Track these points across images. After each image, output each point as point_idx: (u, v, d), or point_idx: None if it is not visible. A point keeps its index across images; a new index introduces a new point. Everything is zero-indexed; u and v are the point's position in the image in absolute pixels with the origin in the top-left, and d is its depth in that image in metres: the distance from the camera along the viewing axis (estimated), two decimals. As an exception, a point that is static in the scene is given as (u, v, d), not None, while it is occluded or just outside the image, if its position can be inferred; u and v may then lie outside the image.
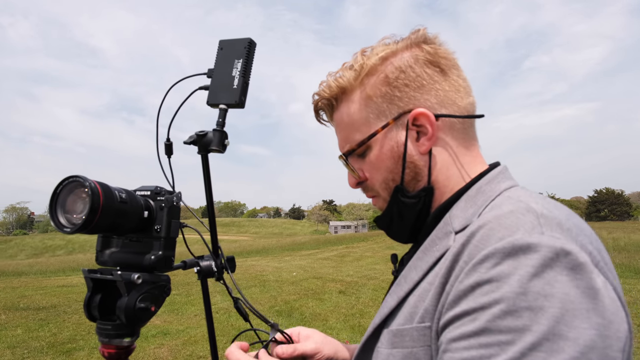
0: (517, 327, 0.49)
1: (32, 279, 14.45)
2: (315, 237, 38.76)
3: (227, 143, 0.85)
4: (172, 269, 0.87)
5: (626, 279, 9.94)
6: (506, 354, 0.49)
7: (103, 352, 0.84)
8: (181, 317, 7.54)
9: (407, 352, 0.63)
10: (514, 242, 0.54)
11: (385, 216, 0.80)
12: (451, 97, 0.74)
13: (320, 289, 9.57)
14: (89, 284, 0.84)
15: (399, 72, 0.73)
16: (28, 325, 7.12)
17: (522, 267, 0.52)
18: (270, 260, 17.27)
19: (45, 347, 5.96)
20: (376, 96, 0.75)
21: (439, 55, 0.74)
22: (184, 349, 5.67)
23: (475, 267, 0.56)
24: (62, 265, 19.47)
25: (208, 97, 0.86)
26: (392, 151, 0.75)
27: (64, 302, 8.99)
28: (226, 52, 0.87)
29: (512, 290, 0.51)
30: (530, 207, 0.59)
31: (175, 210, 0.87)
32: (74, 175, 0.76)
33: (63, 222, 0.77)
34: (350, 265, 14.88)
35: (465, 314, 0.54)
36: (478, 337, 0.52)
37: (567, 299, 0.49)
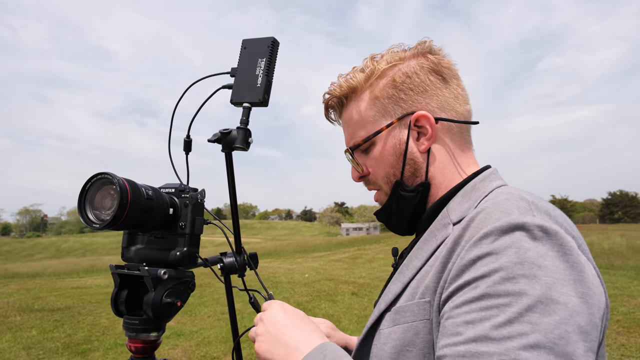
0: (514, 291, 0.56)
1: (47, 280, 14.65)
2: (327, 239, 38.76)
3: (251, 141, 0.86)
4: (196, 265, 0.89)
5: (641, 281, 9.78)
6: (505, 314, 0.55)
7: (130, 347, 0.85)
8: (194, 318, 7.58)
9: (407, 327, 0.69)
10: (510, 221, 0.61)
11: (385, 209, 0.87)
12: (450, 103, 0.82)
13: (332, 291, 9.56)
14: (115, 280, 0.86)
15: (405, 77, 0.81)
16: (43, 327, 7.22)
17: (518, 241, 0.59)
18: (282, 262, 17.29)
19: (61, 348, 6.03)
20: (383, 97, 0.82)
21: (442, 65, 0.83)
22: (198, 350, 5.69)
23: (476, 243, 0.62)
24: (76, 267, 19.71)
25: (232, 96, 0.87)
26: (395, 148, 0.82)
27: (78, 304, 9.10)
28: (249, 51, 0.89)
29: (509, 260, 0.58)
30: (523, 197, 0.68)
31: (200, 207, 0.88)
32: (103, 172, 0.78)
33: (92, 219, 0.78)
34: (363, 267, 14.83)
35: (466, 284, 0.60)
36: (479, 301, 0.58)
37: (557, 270, 0.57)
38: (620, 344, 5.27)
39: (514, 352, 0.52)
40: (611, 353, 4.96)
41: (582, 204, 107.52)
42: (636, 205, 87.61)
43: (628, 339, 5.45)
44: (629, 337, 5.52)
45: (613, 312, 6.77)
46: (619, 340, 5.41)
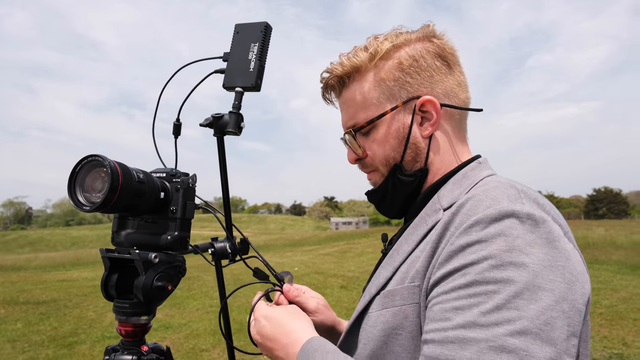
0: (502, 278, 0.57)
1: (31, 273, 14.46)
2: (317, 233, 38.80)
3: (243, 125, 0.86)
4: (187, 250, 0.88)
5: (623, 275, 9.99)
6: (492, 300, 0.56)
7: (120, 331, 0.85)
8: (183, 311, 7.56)
9: (396, 310, 0.70)
10: (499, 209, 0.62)
11: (379, 191, 0.86)
12: (454, 90, 0.81)
13: (322, 284, 9.60)
14: (106, 264, 0.86)
15: (413, 60, 0.80)
16: (28, 319, 7.14)
17: (507, 229, 0.60)
18: (271, 256, 17.29)
19: (46, 340, 5.97)
20: (389, 80, 0.80)
21: (446, 51, 0.82)
22: (186, 343, 5.69)
23: (466, 230, 0.63)
24: (62, 260, 19.48)
25: (224, 80, 0.87)
26: (398, 132, 0.81)
27: (64, 297, 9.01)
28: (242, 36, 0.88)
29: (498, 248, 0.59)
30: (512, 185, 0.69)
31: (191, 191, 0.88)
32: (93, 154, 0.77)
33: (82, 201, 0.78)
34: (352, 260, 14.91)
35: (456, 270, 0.61)
36: (468, 288, 0.59)
37: (545, 257, 0.58)
38: (603, 336, 5.39)
39: (501, 338, 0.53)
40: (594, 345, 5.07)
41: (567, 200, 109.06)
42: (620, 201, 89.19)
43: (610, 331, 5.58)
44: (611, 330, 5.65)
45: (596, 305, 6.91)
46: (601, 333, 5.54)
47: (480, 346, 0.54)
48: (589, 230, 22.74)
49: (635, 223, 36.10)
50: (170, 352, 0.90)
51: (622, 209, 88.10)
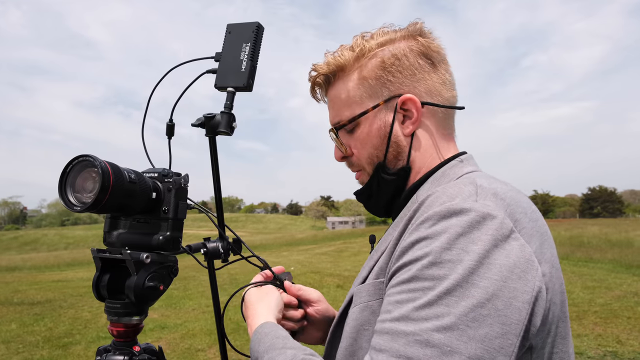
0: (438, 275, 0.58)
1: (26, 274, 14.39)
2: (313, 233, 38.83)
3: (235, 125, 0.86)
4: (179, 250, 0.88)
5: (617, 273, 10.05)
6: (426, 296, 0.58)
7: (112, 331, 0.85)
8: (179, 311, 7.54)
9: (363, 306, 0.72)
10: (450, 206, 0.63)
11: (365, 190, 0.88)
12: (438, 88, 0.81)
13: (318, 284, 9.60)
14: (97, 264, 0.85)
15: (395, 59, 0.80)
16: (23, 320, 7.09)
17: (453, 227, 0.61)
18: (268, 256, 17.22)
19: (41, 341, 5.94)
20: (371, 78, 0.81)
21: (431, 49, 0.82)
22: (182, 343, 5.67)
23: (417, 227, 0.65)
24: (57, 260, 19.38)
25: (216, 80, 0.87)
26: (380, 130, 0.81)
27: (59, 297, 8.96)
28: (234, 36, 0.88)
29: (440, 245, 0.60)
30: (474, 181, 0.68)
31: (183, 192, 0.88)
32: (84, 155, 0.77)
33: (73, 201, 0.77)
34: (348, 260, 14.92)
35: (404, 265, 0.63)
36: (409, 283, 0.61)
37: (485, 255, 0.58)
38: (598, 334, 5.42)
39: (427, 332, 0.55)
40: (589, 343, 5.10)
41: (563, 199, 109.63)
42: (615, 200, 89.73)
43: (605, 329, 5.61)
44: (605, 328, 5.69)
45: (591, 304, 6.95)
46: (596, 331, 5.57)
47: (408, 339, 0.56)
48: (583, 228, 22.86)
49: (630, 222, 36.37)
50: (163, 352, 0.90)
51: (617, 208, 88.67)
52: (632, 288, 8.18)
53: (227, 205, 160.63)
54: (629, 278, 9.32)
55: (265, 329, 0.80)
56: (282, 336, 0.77)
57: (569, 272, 10.33)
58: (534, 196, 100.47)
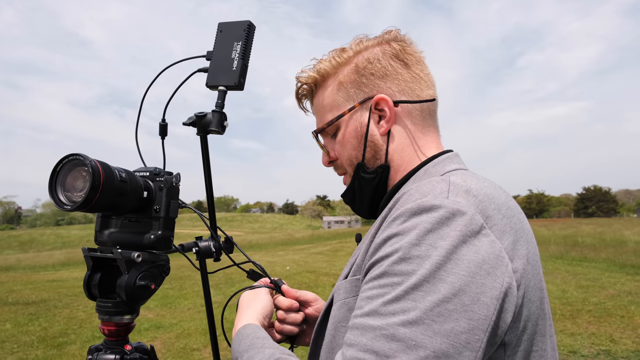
0: (406, 271, 0.59)
1: (21, 273, 14.31)
2: (309, 232, 38.82)
3: (227, 124, 0.86)
4: (171, 249, 0.88)
5: (611, 272, 10.12)
6: (395, 291, 0.59)
7: (103, 330, 0.85)
8: (174, 310, 7.52)
9: (340, 304, 0.74)
10: (420, 203, 0.64)
11: (348, 191, 0.90)
12: (411, 86, 0.83)
13: (313, 283, 9.60)
14: (88, 263, 0.85)
15: (367, 62, 0.84)
16: (17, 320, 7.06)
17: (422, 223, 0.62)
18: (263, 255, 17.26)
19: (36, 341, 5.91)
20: (346, 82, 0.85)
21: (405, 52, 0.84)
22: (177, 342, 5.66)
23: (390, 224, 0.66)
24: (52, 260, 19.29)
25: (207, 79, 0.87)
26: (357, 131, 0.84)
27: (54, 297, 8.92)
28: (225, 34, 0.88)
29: (409, 241, 0.61)
30: (447, 179, 0.69)
31: (175, 191, 0.88)
32: (74, 154, 0.77)
33: (63, 200, 0.77)
34: (344, 259, 14.92)
35: (376, 262, 0.65)
36: (379, 279, 0.62)
37: (453, 251, 0.59)
38: (591, 333, 5.45)
39: (393, 327, 0.56)
40: (582, 342, 5.13)
41: (557, 199, 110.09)
42: (609, 200, 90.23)
43: (598, 328, 5.65)
44: (599, 327, 5.72)
45: (585, 303, 6.99)
46: (590, 329, 5.60)
47: (375, 333, 0.57)
48: (578, 228, 22.99)
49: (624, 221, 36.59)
50: (155, 351, 0.90)
51: (611, 207, 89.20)
52: (626, 287, 8.24)
53: (222, 205, 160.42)
54: (623, 277, 9.38)
55: (247, 330, 0.83)
56: (262, 337, 0.80)
57: (563, 271, 10.39)
58: (529, 196, 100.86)
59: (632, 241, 15.26)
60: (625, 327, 5.67)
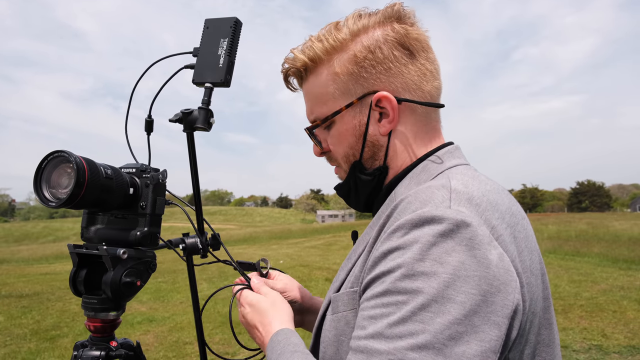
0: (412, 289, 0.55)
1: (14, 266, 14.24)
2: (303, 226, 38.87)
3: (213, 121, 0.86)
4: (157, 246, 0.88)
5: (604, 267, 10.20)
6: (400, 312, 0.55)
7: (89, 326, 0.85)
8: (167, 304, 7.52)
9: (340, 316, 0.70)
10: (421, 214, 0.59)
11: (344, 186, 0.85)
12: (416, 81, 0.75)
13: (307, 277, 9.63)
14: (74, 259, 0.85)
15: (367, 52, 0.74)
16: (10, 313, 7.03)
17: (425, 236, 0.57)
18: (257, 249, 17.28)
19: (29, 334, 5.90)
20: (343, 74, 0.76)
21: (409, 37, 0.75)
22: (170, 336, 5.67)
23: (389, 236, 0.61)
24: (45, 252, 19.20)
25: (194, 76, 0.86)
26: (355, 129, 0.77)
27: (47, 290, 8.89)
28: (212, 31, 0.88)
29: (412, 256, 0.57)
30: (447, 184, 0.65)
31: (161, 187, 0.88)
32: (59, 150, 0.77)
33: (48, 197, 0.77)
34: (337, 253, 14.97)
35: (377, 277, 0.60)
36: (382, 297, 0.58)
37: (461, 267, 0.55)
38: (583, 328, 5.49)
39: (401, 352, 0.52)
40: (574, 336, 5.17)
41: (551, 193, 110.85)
42: (602, 194, 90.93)
43: (590, 323, 5.69)
44: (591, 321, 5.76)
45: (577, 297, 7.05)
46: (581, 324, 5.64)
47: (382, 358, 0.53)
48: (571, 222, 23.17)
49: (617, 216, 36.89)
50: (140, 347, 0.90)
51: (605, 202, 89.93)
52: (618, 282, 8.31)
53: (217, 199, 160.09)
54: (615, 272, 9.46)
55: (279, 336, 0.78)
56: (294, 343, 0.75)
57: (555, 265, 10.47)
58: (522, 190, 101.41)
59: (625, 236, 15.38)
60: (617, 322, 5.71)
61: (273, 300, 0.89)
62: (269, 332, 0.80)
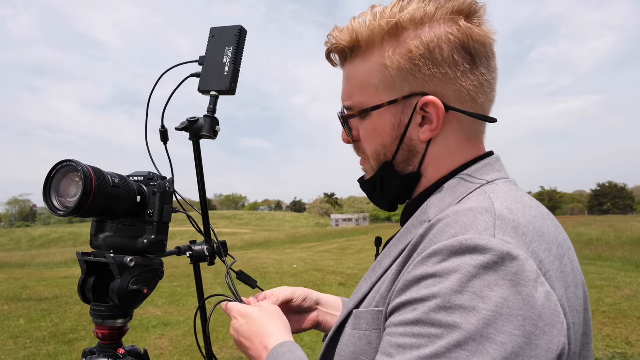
0: (447, 323, 0.51)
1: (35, 270, 14.55)
2: (317, 230, 38.86)
3: (218, 129, 0.86)
4: (165, 253, 0.89)
5: (627, 272, 9.94)
6: (433, 346, 0.50)
7: (97, 334, 0.86)
8: (182, 308, 7.59)
9: (362, 334, 0.65)
10: (462, 241, 0.54)
11: (368, 183, 0.78)
12: (471, 92, 0.68)
13: (320, 281, 9.61)
14: (82, 267, 0.86)
15: (425, 49, 0.65)
16: (30, 316, 7.18)
17: (465, 266, 0.52)
18: (271, 253, 17.33)
19: (48, 337, 6.01)
20: (393, 67, 0.68)
21: (474, 39, 0.66)
22: (185, 340, 5.71)
23: (424, 260, 0.56)
24: (64, 257, 19.58)
25: (199, 84, 0.87)
26: (392, 128, 0.70)
27: (66, 293, 9.05)
28: (217, 39, 0.89)
29: (450, 287, 0.52)
30: (491, 207, 0.59)
31: (168, 195, 0.88)
32: (67, 160, 0.78)
33: (57, 205, 0.78)
34: (351, 257, 14.92)
35: (408, 303, 0.56)
36: (413, 326, 0.54)
37: (504, 304, 0.50)
38: (606, 335, 5.34)
39: None
40: (596, 344, 5.03)
41: (571, 196, 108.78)
42: (625, 196, 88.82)
43: (613, 330, 5.52)
44: (614, 328, 5.59)
45: (599, 304, 6.85)
46: (604, 331, 5.48)
47: None
48: (592, 226, 22.66)
49: (640, 219, 35.95)
50: (148, 355, 0.90)
51: (628, 204, 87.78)
52: (642, 287, 8.08)
53: (231, 203, 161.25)
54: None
55: (284, 348, 0.75)
56: (300, 357, 0.73)
57: (575, 270, 10.24)
58: (540, 192, 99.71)
59: (648, 240, 14.98)
60: (641, 329, 5.55)
61: (271, 311, 0.85)
62: (268, 343, 0.76)
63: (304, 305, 0.98)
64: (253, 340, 0.80)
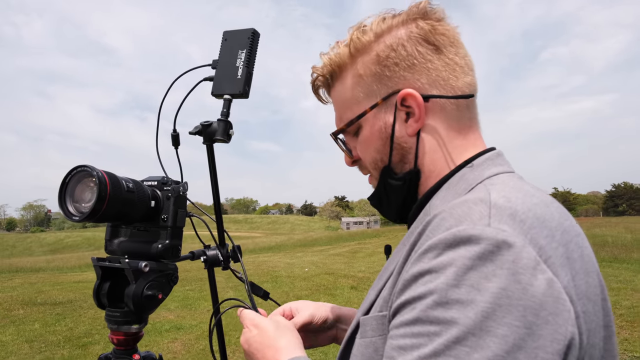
0: (445, 319, 0.49)
1: (49, 274, 14.73)
2: (327, 234, 38.83)
3: (232, 133, 0.86)
4: (179, 258, 0.89)
5: (646, 274, 9.75)
6: (432, 344, 0.49)
7: (112, 339, 0.86)
8: (194, 312, 7.62)
9: (368, 342, 0.64)
10: (456, 232, 0.53)
11: (375, 195, 0.80)
12: (444, 76, 0.70)
13: (332, 285, 9.58)
14: (97, 272, 0.86)
15: (390, 50, 0.71)
16: (45, 320, 7.27)
17: (460, 258, 0.51)
18: (282, 257, 17.34)
19: (62, 341, 6.07)
20: (367, 75, 0.73)
21: (435, 32, 0.71)
22: (197, 344, 5.73)
23: (420, 257, 0.55)
24: (78, 261, 19.81)
25: (212, 88, 0.87)
26: (381, 132, 0.73)
27: (80, 297, 9.15)
28: (230, 42, 0.88)
29: (446, 281, 0.50)
30: (487, 197, 0.57)
31: (182, 200, 0.88)
32: (82, 165, 0.78)
33: (72, 211, 0.79)
34: (362, 261, 14.86)
35: (407, 303, 0.55)
36: (412, 326, 0.52)
37: (502, 294, 0.48)
38: (624, 338, 5.24)
39: None
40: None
41: (585, 197, 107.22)
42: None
43: (631, 333, 5.42)
44: (632, 331, 5.49)
45: (616, 306, 6.72)
46: (622, 335, 5.38)
47: None
48: (607, 227, 22.29)
49: (656, 220, 35.27)
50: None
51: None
52: (660, 289, 7.93)
53: (242, 207, 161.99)
54: (657, 279, 9.02)
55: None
56: None
57: (590, 272, 10.07)
58: (553, 194, 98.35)
59: (665, 241, 14.69)
60: (659, 332, 5.44)
61: (285, 325, 0.84)
62: (281, 357, 0.75)
63: (324, 325, 0.95)
64: (265, 353, 0.78)
